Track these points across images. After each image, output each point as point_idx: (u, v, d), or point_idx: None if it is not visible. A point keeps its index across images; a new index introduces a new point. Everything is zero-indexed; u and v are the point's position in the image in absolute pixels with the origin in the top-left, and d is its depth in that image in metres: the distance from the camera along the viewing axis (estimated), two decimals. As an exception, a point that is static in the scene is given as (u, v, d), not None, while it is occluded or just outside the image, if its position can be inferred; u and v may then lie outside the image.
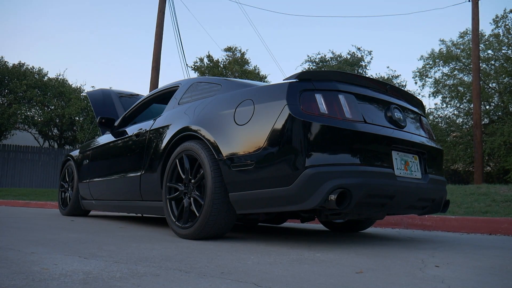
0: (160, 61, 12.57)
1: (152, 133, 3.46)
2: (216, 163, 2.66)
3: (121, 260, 1.89)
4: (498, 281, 1.64)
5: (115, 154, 4.16)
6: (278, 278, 1.58)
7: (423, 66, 21.44)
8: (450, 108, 21.18)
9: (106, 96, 5.17)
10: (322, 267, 1.84)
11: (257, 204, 2.48)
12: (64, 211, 5.12)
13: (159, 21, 12.65)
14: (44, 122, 16.99)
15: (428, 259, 2.16)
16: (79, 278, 1.48)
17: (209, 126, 2.80)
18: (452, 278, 1.66)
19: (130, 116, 4.30)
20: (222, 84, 3.10)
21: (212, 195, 2.60)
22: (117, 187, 3.95)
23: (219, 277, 1.58)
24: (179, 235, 2.87)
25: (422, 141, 2.90)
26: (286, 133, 2.34)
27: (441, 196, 2.96)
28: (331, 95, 2.49)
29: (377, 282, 1.56)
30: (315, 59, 23.93)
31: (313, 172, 2.24)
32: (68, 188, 5.13)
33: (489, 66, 19.61)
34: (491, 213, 4.48)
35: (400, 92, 3.08)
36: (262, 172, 2.41)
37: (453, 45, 20.55)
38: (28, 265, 1.70)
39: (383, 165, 2.50)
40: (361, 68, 23.67)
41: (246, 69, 20.61)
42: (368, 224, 3.73)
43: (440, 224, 4.21)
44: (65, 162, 5.37)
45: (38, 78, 17.10)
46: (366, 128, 2.48)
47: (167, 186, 3.03)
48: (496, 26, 18.86)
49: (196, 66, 20.76)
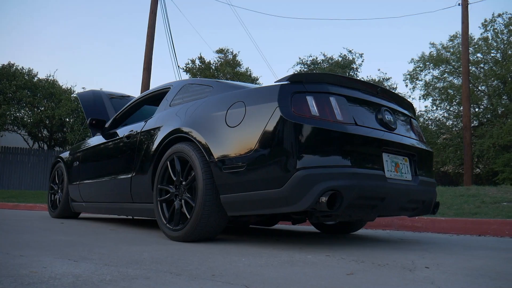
0: (151, 63, 12.52)
1: (143, 134, 3.45)
2: (207, 165, 2.65)
3: (111, 262, 1.88)
4: (488, 281, 1.65)
5: (105, 156, 4.13)
6: (269, 280, 1.58)
7: (414, 69, 21.65)
8: (440, 111, 21.41)
9: (97, 98, 5.14)
10: (313, 269, 1.84)
11: (249, 206, 2.48)
12: (53, 214, 5.07)
13: (150, 22, 12.60)
14: (33, 123, 16.81)
15: (418, 260, 2.17)
16: (69, 281, 1.47)
17: (201, 128, 2.79)
18: (442, 279, 1.67)
19: (121, 118, 4.28)
20: (213, 86, 3.10)
21: (203, 197, 2.60)
22: (107, 189, 3.93)
23: (210, 279, 1.58)
24: (170, 238, 2.85)
25: (412, 143, 2.92)
26: (278, 135, 2.34)
27: (431, 197, 2.98)
28: (323, 97, 2.50)
29: (368, 284, 1.57)
30: (307, 61, 23.99)
31: (304, 174, 2.24)
32: (58, 190, 5.08)
33: (479, 69, 19.85)
34: (480, 215, 4.53)
35: (391, 95, 3.10)
36: (253, 174, 2.41)
37: (443, 48, 20.77)
38: (16, 268, 1.68)
39: (373, 167, 2.51)
40: (352, 70, 23.78)
41: (238, 71, 20.61)
42: (359, 226, 3.75)
43: (430, 226, 4.24)
44: (55, 164, 5.32)
45: (28, 79, 16.91)
46: (357, 130, 2.49)
47: (158, 188, 3.01)
48: (485, 30, 19.11)
49: (188, 67, 20.72)
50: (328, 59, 23.95)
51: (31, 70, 17.55)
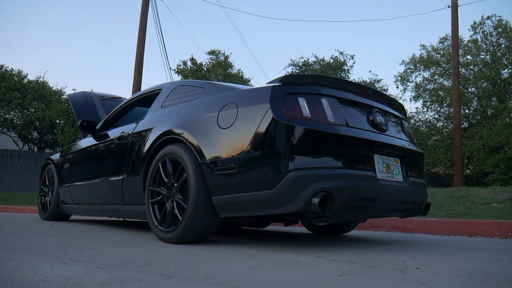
0: (143, 64, 12.48)
1: (134, 136, 3.43)
2: (199, 167, 2.65)
3: (102, 265, 1.86)
4: (478, 282, 1.67)
5: (97, 158, 4.11)
6: (261, 282, 1.58)
7: (405, 71, 21.80)
8: (430, 112, 21.58)
9: (88, 99, 5.10)
10: (305, 270, 1.84)
11: (241, 207, 2.47)
12: (44, 216, 5.03)
13: (142, 23, 12.56)
14: (23, 125, 16.66)
15: (410, 261, 2.18)
16: (59, 284, 1.45)
17: (192, 130, 2.79)
18: (433, 280, 1.69)
19: (112, 119, 4.25)
20: (205, 87, 3.10)
21: (195, 199, 2.59)
22: (98, 191, 3.90)
23: (202, 281, 1.57)
24: (162, 239, 2.84)
25: (403, 145, 2.94)
26: (269, 136, 2.34)
27: (422, 199, 3.00)
28: (314, 99, 2.51)
29: (359, 285, 1.57)
30: (298, 63, 24.07)
31: (296, 176, 2.25)
32: (48, 192, 5.04)
33: (468, 71, 20.04)
34: (470, 215, 4.57)
35: (382, 96, 3.12)
36: (245, 176, 2.41)
37: (434, 50, 20.95)
38: (6, 271, 1.66)
39: (365, 168, 2.53)
40: (344, 72, 23.90)
41: (230, 72, 20.62)
42: (350, 227, 3.76)
43: (421, 227, 4.27)
44: (45, 166, 5.28)
45: (17, 80, 16.76)
46: (348, 131, 2.50)
47: (149, 190, 3.00)
48: (474, 32, 19.31)
49: (180, 69, 20.69)
50: (319, 60, 24.05)
51: (21, 72, 17.40)
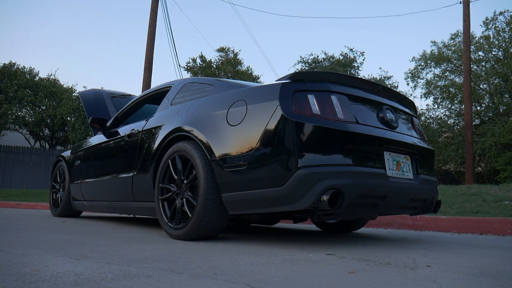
0: (152, 61, 12.53)
1: (144, 133, 3.45)
2: (208, 164, 2.65)
3: (113, 261, 1.88)
4: (489, 280, 1.65)
5: (107, 155, 4.14)
6: (271, 279, 1.58)
7: (415, 67, 21.61)
8: (441, 109, 21.38)
9: (98, 96, 5.14)
10: (314, 268, 1.84)
11: (250, 204, 2.48)
12: (55, 212, 5.08)
13: (151, 21, 12.60)
14: (35, 123, 16.84)
15: (420, 259, 2.17)
16: (71, 280, 1.47)
17: (202, 127, 2.79)
18: (444, 278, 1.67)
19: (122, 117, 4.28)
20: (214, 84, 3.10)
21: (204, 196, 2.60)
22: (109, 188, 3.93)
23: (211, 278, 1.58)
24: (172, 236, 2.86)
25: (413, 142, 2.92)
26: (279, 133, 2.34)
27: (433, 196, 2.98)
28: (324, 96, 2.50)
29: (369, 282, 1.57)
30: (308, 60, 24.00)
31: (306, 173, 2.24)
32: (60, 189, 5.09)
33: (480, 68, 19.81)
34: (482, 213, 4.52)
35: (392, 93, 3.10)
36: (254, 173, 2.41)
37: (445, 46, 20.73)
38: (18, 266, 1.68)
39: (375, 165, 2.51)
40: (354, 69, 23.78)
41: (239, 69, 20.61)
42: (360, 225, 3.75)
43: (432, 224, 4.24)
44: (57, 163, 5.33)
45: (29, 78, 16.95)
46: (358, 128, 2.49)
47: (159, 187, 3.02)
48: (486, 28, 19.07)
49: (189, 66, 20.72)
50: (329, 57, 23.95)
51: (32, 69, 17.60)
